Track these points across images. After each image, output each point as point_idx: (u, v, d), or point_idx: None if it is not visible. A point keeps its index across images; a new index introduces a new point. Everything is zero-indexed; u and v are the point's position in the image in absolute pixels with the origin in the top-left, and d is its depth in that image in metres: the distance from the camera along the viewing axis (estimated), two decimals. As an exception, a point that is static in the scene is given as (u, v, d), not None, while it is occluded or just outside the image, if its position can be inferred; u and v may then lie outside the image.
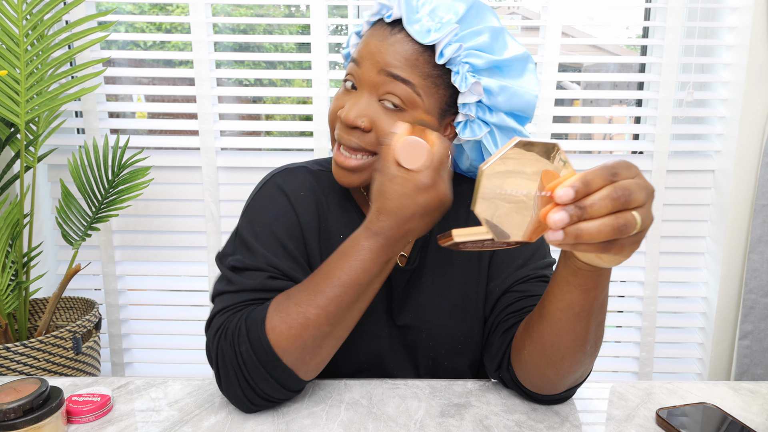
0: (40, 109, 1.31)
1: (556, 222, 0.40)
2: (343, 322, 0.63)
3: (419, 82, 0.65)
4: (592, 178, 0.41)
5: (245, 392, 0.63)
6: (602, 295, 0.56)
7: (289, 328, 0.61)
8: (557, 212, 0.40)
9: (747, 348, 1.61)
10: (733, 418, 0.65)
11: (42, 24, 1.28)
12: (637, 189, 0.42)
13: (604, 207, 0.41)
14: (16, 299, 1.35)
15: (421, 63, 0.65)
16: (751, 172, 1.59)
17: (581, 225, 0.40)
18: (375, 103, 0.66)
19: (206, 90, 1.57)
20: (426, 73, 0.65)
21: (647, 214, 0.43)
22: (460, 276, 0.77)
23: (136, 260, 1.68)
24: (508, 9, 1.83)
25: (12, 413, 0.57)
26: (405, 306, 0.77)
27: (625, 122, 1.86)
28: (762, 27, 1.51)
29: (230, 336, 0.63)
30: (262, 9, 1.83)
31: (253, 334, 0.61)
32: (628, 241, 0.43)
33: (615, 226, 0.41)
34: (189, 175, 1.63)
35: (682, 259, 1.70)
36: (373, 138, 0.67)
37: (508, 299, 0.74)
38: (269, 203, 0.74)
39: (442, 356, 0.78)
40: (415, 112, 0.66)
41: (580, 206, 0.40)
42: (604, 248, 0.43)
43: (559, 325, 0.58)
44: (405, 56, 0.64)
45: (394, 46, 0.65)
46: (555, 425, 0.65)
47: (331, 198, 0.77)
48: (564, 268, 0.55)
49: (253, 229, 0.71)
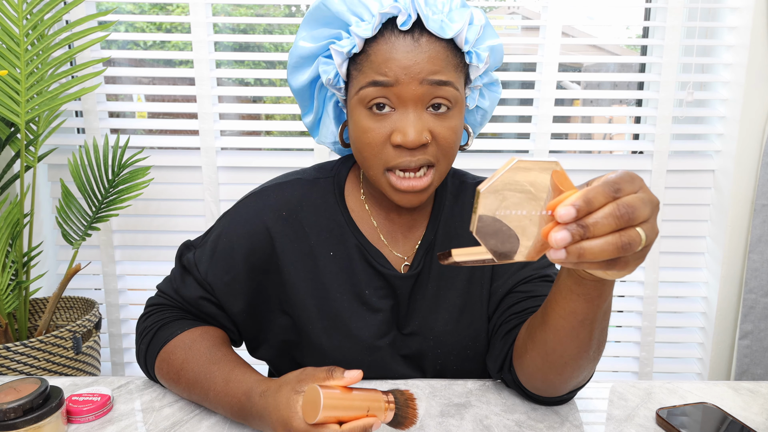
0: (40, 108, 1.31)
1: (558, 241, 0.39)
2: (196, 401, 0.70)
3: (455, 77, 0.65)
4: (594, 195, 0.40)
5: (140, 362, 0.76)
6: (606, 304, 0.55)
7: (165, 376, 0.71)
8: (559, 231, 0.39)
9: (747, 348, 1.61)
10: (733, 417, 0.65)
11: (42, 24, 1.28)
12: (641, 205, 0.40)
13: (607, 225, 0.39)
14: (16, 299, 1.35)
15: (451, 58, 0.65)
16: (751, 172, 1.59)
17: (584, 244, 0.39)
18: (424, 114, 0.65)
19: (206, 90, 1.57)
20: (455, 65, 0.65)
21: (652, 228, 0.42)
22: (464, 279, 0.77)
23: (136, 260, 1.68)
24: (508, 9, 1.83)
25: (12, 413, 0.57)
26: (411, 313, 0.76)
27: (625, 122, 1.86)
28: (762, 27, 1.51)
29: (142, 327, 0.76)
30: (262, 9, 1.83)
31: (150, 351, 0.73)
32: (632, 257, 0.42)
33: (619, 245, 0.40)
34: (189, 174, 1.63)
35: (682, 259, 1.70)
36: (434, 148, 0.66)
37: (511, 300, 0.74)
38: (247, 221, 0.75)
39: (451, 362, 0.77)
40: (459, 107, 0.67)
41: (583, 225, 0.39)
42: (608, 266, 0.42)
43: (562, 333, 0.58)
44: (441, 59, 0.63)
45: (428, 53, 0.63)
46: (555, 425, 0.65)
47: (320, 218, 0.76)
48: (567, 277, 0.54)
49: (219, 238, 0.76)
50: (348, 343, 0.74)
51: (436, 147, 0.66)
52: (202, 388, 0.66)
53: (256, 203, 0.77)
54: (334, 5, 0.65)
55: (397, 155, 0.65)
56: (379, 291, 0.75)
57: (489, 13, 1.85)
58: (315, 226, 0.76)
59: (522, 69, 1.73)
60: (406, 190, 0.66)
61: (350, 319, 0.74)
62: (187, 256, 0.77)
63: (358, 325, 0.74)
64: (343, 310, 0.74)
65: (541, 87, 1.58)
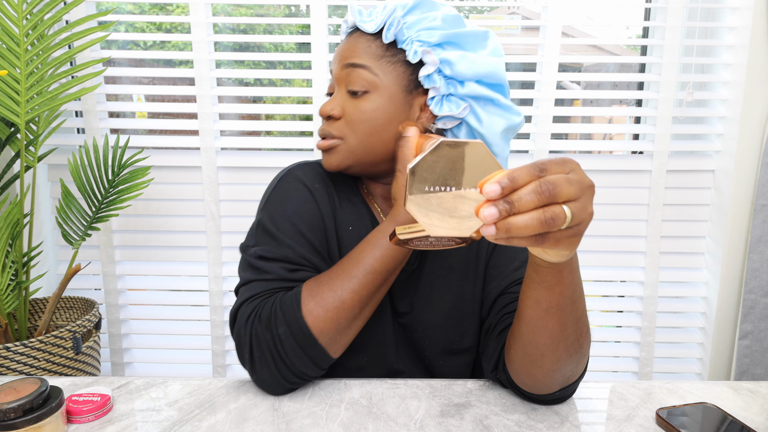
0: (40, 108, 1.31)
1: (487, 217, 0.42)
2: (371, 304, 0.70)
3: (374, 63, 0.74)
4: (519, 174, 0.43)
5: (281, 372, 0.68)
6: (568, 292, 0.57)
7: (326, 311, 0.67)
8: (487, 207, 0.42)
9: (747, 348, 1.61)
10: (733, 418, 0.65)
11: (42, 24, 1.28)
12: (564, 183, 0.43)
13: (531, 201, 0.42)
14: (16, 299, 1.35)
15: (373, 48, 0.75)
16: (751, 172, 1.59)
17: (510, 219, 0.42)
18: (345, 94, 0.76)
19: (206, 90, 1.57)
20: (379, 55, 0.74)
21: (582, 208, 0.44)
22: (457, 280, 0.80)
23: (136, 260, 1.68)
24: (508, 9, 1.83)
25: (12, 413, 0.57)
26: (404, 304, 0.80)
27: (625, 122, 1.86)
28: (762, 27, 1.51)
29: (265, 320, 0.68)
30: (262, 9, 1.83)
31: (290, 317, 0.67)
32: (562, 234, 0.45)
33: (542, 220, 0.42)
34: (189, 175, 1.63)
35: (682, 259, 1.70)
36: (343, 123, 0.76)
37: (504, 301, 0.76)
38: (290, 195, 0.77)
39: (437, 355, 0.81)
40: (377, 93, 0.74)
41: (508, 201, 0.42)
42: (537, 241, 0.44)
43: (531, 323, 0.60)
44: (359, 46, 0.75)
45: (351, 43, 0.76)
46: (555, 425, 0.65)
47: (341, 192, 0.82)
48: (529, 266, 0.58)
49: (275, 221, 0.75)
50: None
51: (345, 123, 0.76)
52: (367, 278, 0.68)
53: (292, 181, 0.80)
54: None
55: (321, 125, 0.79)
56: None
57: (489, 13, 1.85)
58: (337, 202, 0.81)
59: (522, 69, 1.73)
60: (319, 149, 0.79)
61: None
62: (256, 250, 0.74)
63: None
64: None
65: (541, 87, 1.58)
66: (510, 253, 0.79)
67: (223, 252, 1.66)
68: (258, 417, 0.66)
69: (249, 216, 1.64)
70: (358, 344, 0.80)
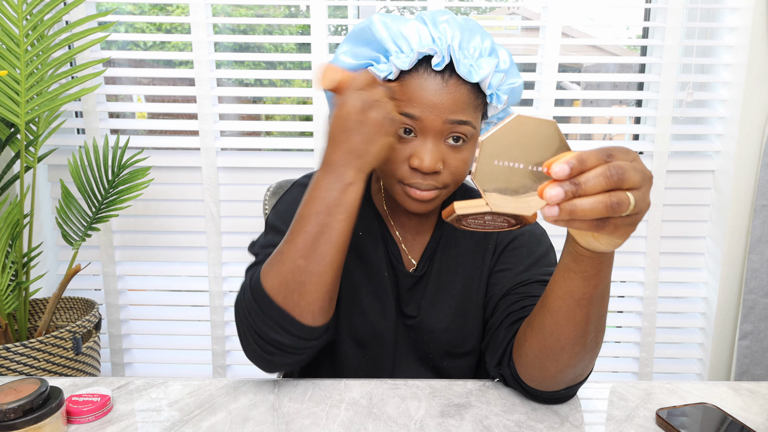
0: (40, 109, 1.31)
1: (552, 197, 0.41)
2: (315, 255, 0.64)
3: (474, 117, 0.71)
4: (588, 156, 0.43)
5: (256, 342, 0.67)
6: (603, 284, 0.57)
7: (271, 266, 0.66)
8: (553, 188, 0.42)
9: (747, 348, 1.61)
10: (733, 418, 0.65)
11: (42, 24, 1.28)
12: (631, 170, 0.43)
13: (598, 184, 0.42)
14: (16, 299, 1.35)
15: (473, 100, 0.70)
16: (751, 172, 1.59)
17: (575, 201, 0.42)
18: (441, 144, 0.71)
19: (206, 90, 1.57)
20: (475, 106, 0.71)
21: (642, 197, 0.44)
22: (462, 285, 0.82)
23: (136, 260, 1.68)
24: (508, 9, 1.83)
25: (12, 413, 0.57)
26: (411, 308, 0.82)
27: (625, 122, 1.86)
28: (762, 27, 1.51)
29: (241, 292, 0.70)
30: (262, 9, 1.83)
31: (253, 282, 0.68)
32: (621, 221, 0.45)
33: (608, 204, 0.42)
34: (189, 175, 1.63)
35: (682, 259, 1.70)
36: (445, 174, 0.72)
37: (509, 300, 0.76)
38: (298, 198, 0.77)
39: (441, 357, 0.83)
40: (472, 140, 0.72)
41: (575, 182, 0.42)
42: (598, 226, 0.44)
43: (559, 314, 0.60)
44: (464, 101, 0.69)
45: (454, 95, 0.69)
46: (555, 425, 0.65)
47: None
48: (566, 255, 0.57)
49: (283, 219, 0.77)
50: (358, 315, 0.80)
51: (447, 174, 0.72)
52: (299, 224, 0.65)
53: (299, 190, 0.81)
54: (378, 32, 0.70)
55: (411, 175, 0.71)
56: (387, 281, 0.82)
57: (489, 13, 1.85)
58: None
59: (522, 69, 1.73)
60: (415, 198, 0.73)
61: (363, 294, 0.81)
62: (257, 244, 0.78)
63: (370, 300, 0.81)
64: (360, 285, 0.81)
65: (541, 87, 1.58)
66: (515, 258, 0.80)
67: (223, 252, 1.66)
68: (258, 417, 0.66)
69: (249, 216, 1.64)
70: (361, 343, 0.81)
